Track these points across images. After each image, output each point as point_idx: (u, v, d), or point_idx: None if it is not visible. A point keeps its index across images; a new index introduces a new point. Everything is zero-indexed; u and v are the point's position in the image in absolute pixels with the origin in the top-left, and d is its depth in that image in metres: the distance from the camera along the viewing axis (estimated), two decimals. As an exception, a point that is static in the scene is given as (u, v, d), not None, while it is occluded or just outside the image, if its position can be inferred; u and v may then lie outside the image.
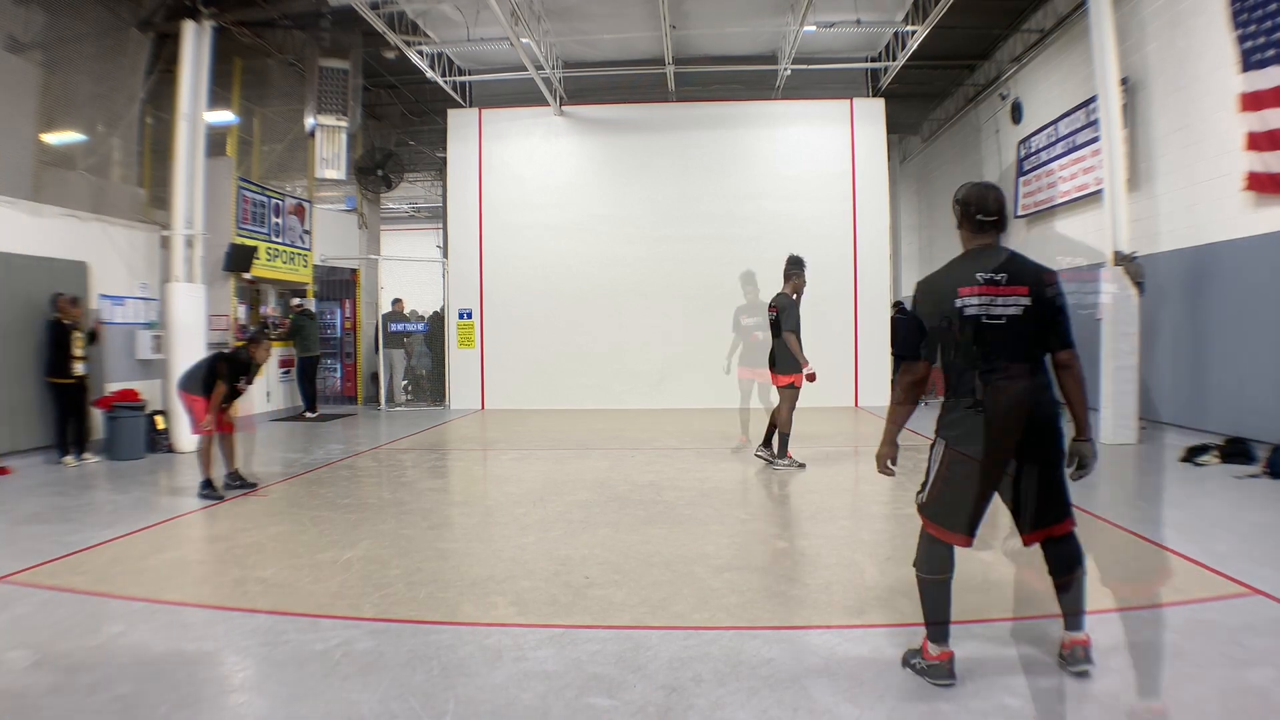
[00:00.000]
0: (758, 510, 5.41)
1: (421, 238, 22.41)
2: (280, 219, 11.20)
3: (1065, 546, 2.65)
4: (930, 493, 2.64)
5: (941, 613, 2.62)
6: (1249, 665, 2.72)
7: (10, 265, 7.09)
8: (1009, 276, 2.54)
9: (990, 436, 2.48)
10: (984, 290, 2.52)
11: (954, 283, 2.57)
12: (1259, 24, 6.41)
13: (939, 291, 2.60)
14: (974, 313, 2.52)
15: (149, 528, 4.91)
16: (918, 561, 2.68)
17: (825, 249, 11.69)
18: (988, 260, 2.59)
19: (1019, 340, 2.53)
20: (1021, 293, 2.53)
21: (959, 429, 2.55)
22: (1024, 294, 2.53)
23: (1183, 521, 4.69)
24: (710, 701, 2.55)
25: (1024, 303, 2.52)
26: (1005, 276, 2.54)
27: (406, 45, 10.20)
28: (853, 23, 10.33)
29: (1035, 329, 2.54)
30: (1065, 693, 2.55)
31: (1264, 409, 6.53)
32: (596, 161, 12.46)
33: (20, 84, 7.94)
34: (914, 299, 2.66)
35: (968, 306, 2.52)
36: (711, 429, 9.38)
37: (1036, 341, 2.57)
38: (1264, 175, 6.45)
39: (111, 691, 2.64)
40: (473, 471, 7.42)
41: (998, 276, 2.54)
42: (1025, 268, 2.59)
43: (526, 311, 12.30)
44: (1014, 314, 2.52)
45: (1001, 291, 2.53)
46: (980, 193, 2.70)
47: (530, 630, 3.18)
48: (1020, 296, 2.52)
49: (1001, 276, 2.54)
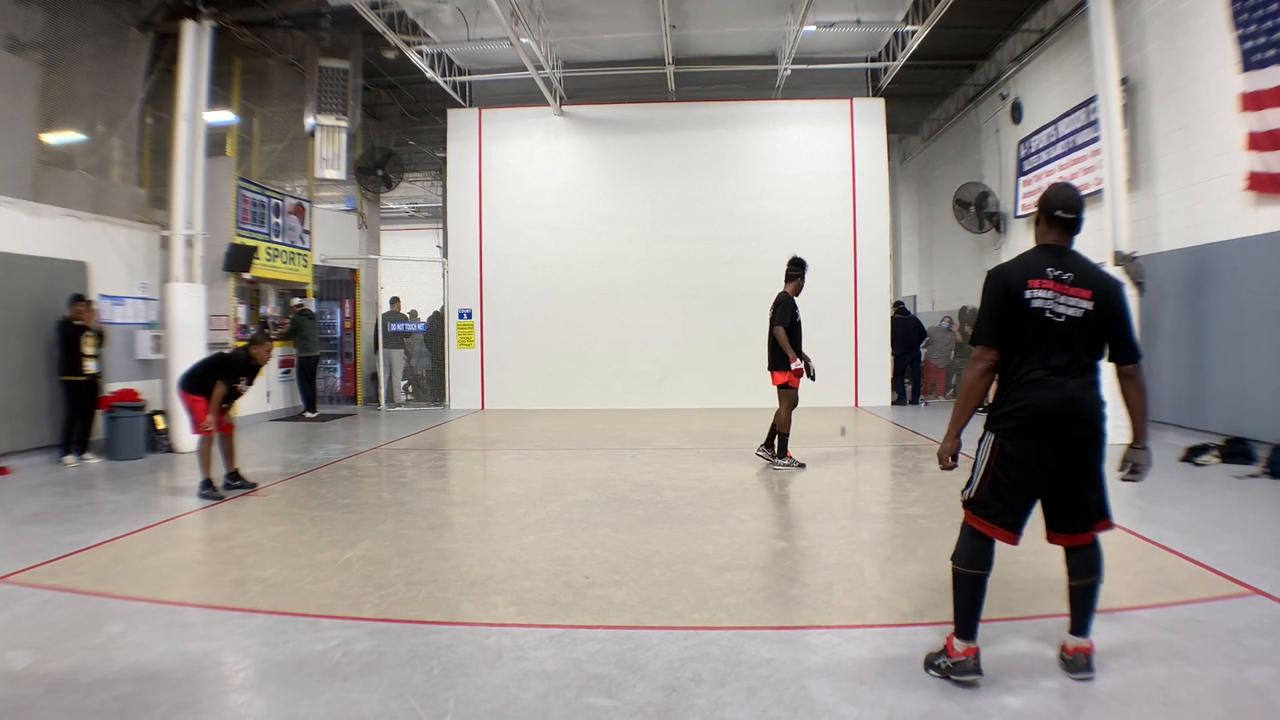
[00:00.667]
0: (758, 510, 5.41)
1: (421, 238, 22.42)
2: (280, 219, 11.20)
3: (1090, 551, 2.68)
4: (980, 487, 2.61)
5: (974, 609, 2.62)
6: (1249, 665, 2.72)
7: (10, 265, 7.09)
8: (1075, 277, 2.56)
9: (1044, 432, 2.50)
10: (1052, 286, 2.54)
11: (1025, 274, 2.57)
12: (1259, 24, 6.41)
13: (1010, 279, 2.58)
14: (1039, 305, 2.52)
15: (149, 528, 4.91)
16: (958, 555, 2.66)
17: (825, 249, 11.69)
18: (1059, 258, 2.60)
19: (1077, 341, 2.54)
20: (1085, 295, 2.54)
21: (1013, 422, 2.54)
22: (1087, 297, 2.54)
23: (1183, 521, 4.69)
24: (710, 701, 2.55)
25: (1086, 305, 2.53)
26: (1072, 277, 2.56)
27: (406, 45, 10.20)
28: (853, 23, 10.34)
29: (1094, 333, 2.56)
30: (1066, 693, 2.55)
31: (1264, 409, 6.53)
32: (596, 161, 12.46)
33: (20, 84, 7.94)
34: (985, 286, 2.65)
35: (1035, 298, 2.53)
36: (711, 429, 9.38)
37: (1092, 346, 2.58)
38: (1265, 175, 6.45)
39: (111, 691, 2.64)
40: (473, 471, 7.41)
41: (1065, 275, 2.56)
42: (1092, 272, 2.61)
43: (526, 311, 12.30)
44: (1075, 315, 2.53)
45: (1067, 290, 2.54)
46: (1061, 190, 2.73)
47: (530, 630, 3.18)
48: (1083, 299, 2.54)
49: (1069, 276, 2.56)
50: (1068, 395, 2.50)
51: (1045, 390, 2.50)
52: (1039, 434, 2.50)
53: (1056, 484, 2.58)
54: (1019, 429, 2.52)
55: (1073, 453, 2.54)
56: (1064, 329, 2.52)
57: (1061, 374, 2.51)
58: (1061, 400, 2.50)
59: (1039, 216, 2.72)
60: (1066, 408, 2.50)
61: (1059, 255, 2.61)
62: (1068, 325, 2.52)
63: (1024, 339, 2.53)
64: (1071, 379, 2.52)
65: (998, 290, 2.58)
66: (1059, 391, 2.50)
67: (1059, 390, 2.50)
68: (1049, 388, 2.50)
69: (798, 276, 6.64)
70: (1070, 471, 2.56)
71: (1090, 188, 9.16)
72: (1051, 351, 2.52)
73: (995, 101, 12.33)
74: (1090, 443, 2.56)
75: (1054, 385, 2.50)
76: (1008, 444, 2.55)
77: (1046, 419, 2.49)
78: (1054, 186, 2.77)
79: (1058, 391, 2.50)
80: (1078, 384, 2.53)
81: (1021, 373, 2.54)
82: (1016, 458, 2.53)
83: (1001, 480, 2.56)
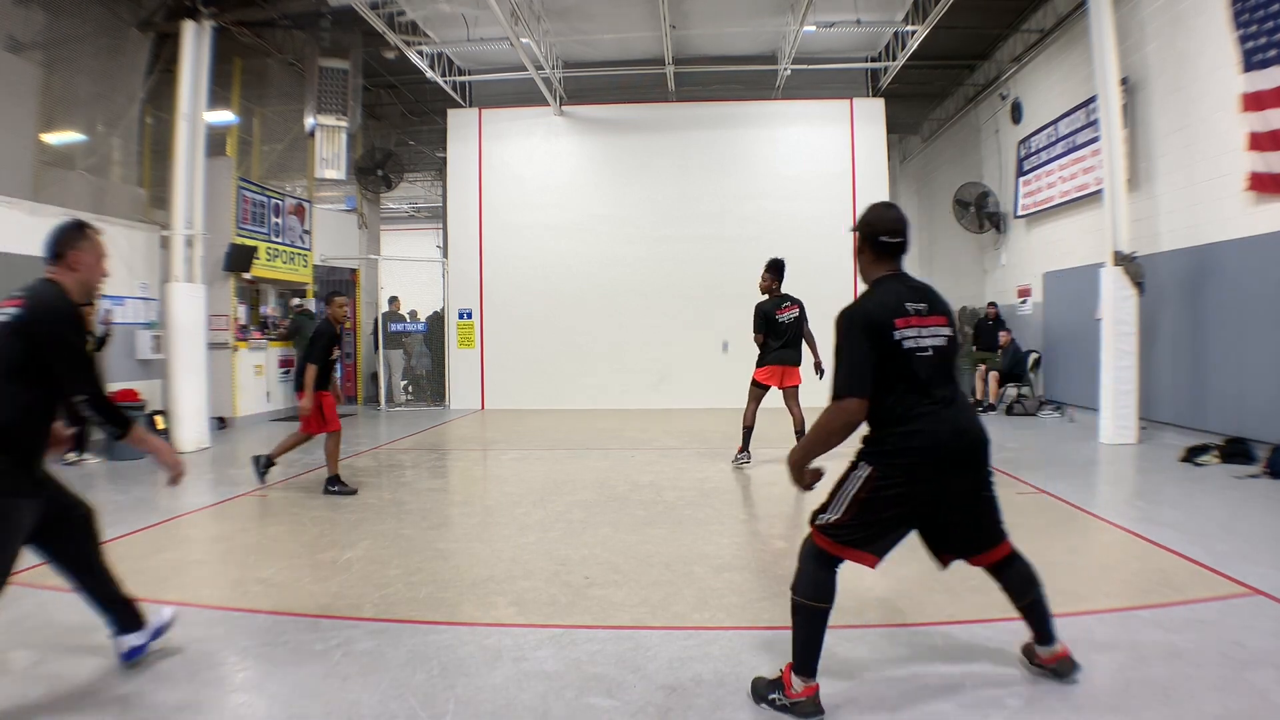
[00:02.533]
0: (758, 510, 5.41)
1: (421, 238, 22.40)
2: (280, 219, 11.20)
3: (1017, 566, 2.63)
4: (845, 514, 2.42)
5: (817, 644, 2.45)
6: (1249, 665, 2.72)
7: (10, 265, 7.08)
8: (928, 307, 2.48)
9: (935, 468, 2.39)
10: (915, 322, 2.43)
11: (890, 314, 2.42)
12: (1260, 24, 6.41)
13: (876, 322, 2.40)
14: (910, 345, 2.40)
15: (149, 528, 4.91)
16: (802, 587, 2.46)
17: (825, 249, 11.69)
18: (910, 288, 2.51)
19: (946, 370, 2.48)
20: (941, 323, 2.48)
21: (903, 460, 2.38)
22: (943, 324, 2.49)
23: (1183, 521, 4.69)
24: (710, 701, 2.55)
25: (945, 333, 2.47)
26: (926, 307, 2.47)
27: (406, 45, 10.20)
28: (853, 23, 10.33)
29: (951, 358, 2.50)
30: (1067, 693, 2.55)
31: (1264, 409, 6.53)
32: (596, 161, 12.46)
33: (20, 84, 7.94)
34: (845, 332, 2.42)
35: (905, 339, 2.40)
36: (712, 429, 9.38)
37: (953, 371, 2.53)
38: (1266, 175, 6.45)
39: (112, 691, 2.64)
40: (473, 471, 7.41)
41: (921, 307, 2.46)
42: (936, 297, 2.54)
43: (526, 311, 12.30)
44: (940, 345, 2.45)
45: (926, 322, 2.45)
46: (883, 213, 2.57)
47: (530, 630, 3.18)
48: (941, 328, 2.47)
49: (924, 306, 2.47)
50: (957, 427, 2.42)
51: (934, 424, 2.38)
52: (931, 470, 2.38)
53: (944, 514, 2.49)
54: (909, 468, 2.37)
55: (965, 482, 2.46)
56: (933, 361, 2.42)
57: (945, 405, 2.42)
58: (952, 433, 2.40)
59: (862, 245, 2.56)
60: (956, 439, 2.41)
61: (908, 285, 2.51)
62: (936, 356, 2.43)
63: (897, 378, 2.39)
64: (952, 409, 2.43)
65: (866, 336, 2.39)
66: (947, 424, 2.40)
67: (947, 423, 2.40)
68: (938, 420, 2.39)
69: (766, 275, 6.89)
70: (964, 500, 2.49)
71: (1090, 188, 9.18)
72: (928, 385, 2.40)
73: (995, 101, 12.32)
74: (982, 468, 2.51)
75: (941, 418, 2.39)
76: (887, 478, 2.38)
77: (939, 453, 2.38)
78: (873, 209, 2.60)
79: (946, 425, 2.40)
80: (960, 413, 2.45)
81: (901, 410, 2.39)
82: (897, 493, 2.38)
83: (874, 510, 2.40)
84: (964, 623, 3.16)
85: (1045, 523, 4.78)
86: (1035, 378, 10.82)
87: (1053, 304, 10.62)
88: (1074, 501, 5.27)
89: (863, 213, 2.61)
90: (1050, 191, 10.40)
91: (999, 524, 2.58)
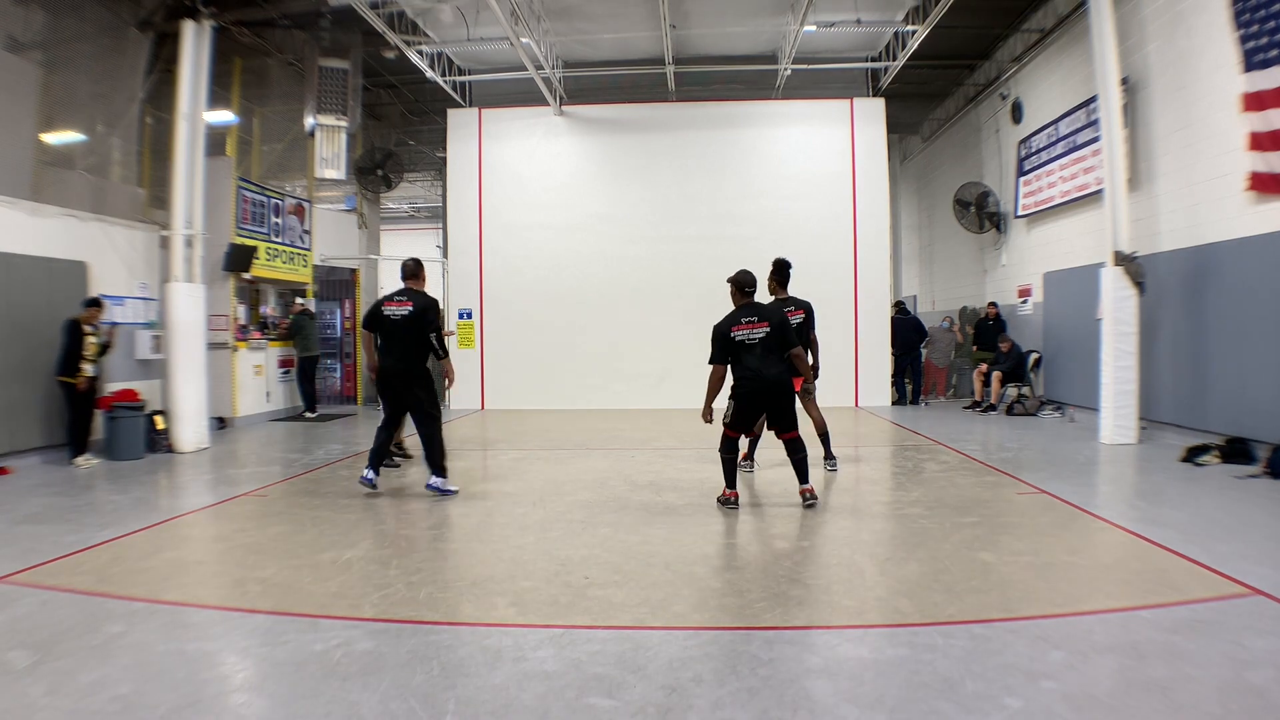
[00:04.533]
0: (758, 510, 5.40)
1: (421, 238, 22.42)
2: (280, 219, 11.20)
3: (795, 444, 5.25)
4: (731, 418, 5.24)
5: (733, 472, 5.36)
6: (1249, 665, 2.72)
7: (10, 265, 7.09)
8: (758, 318, 5.14)
9: (755, 394, 5.14)
10: (745, 327, 5.11)
11: (730, 324, 5.14)
12: (1261, 24, 6.40)
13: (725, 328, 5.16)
14: (740, 339, 5.10)
15: (149, 528, 4.91)
16: (723, 448, 5.32)
17: (825, 249, 11.72)
18: (747, 309, 5.19)
19: (766, 350, 5.10)
20: (764, 326, 5.11)
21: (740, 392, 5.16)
22: (765, 327, 5.10)
23: (1183, 521, 4.69)
24: (710, 701, 2.54)
25: (765, 330, 5.10)
26: (755, 318, 5.14)
27: (406, 45, 10.20)
28: (853, 23, 10.34)
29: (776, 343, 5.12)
30: (1067, 693, 2.55)
31: (1264, 409, 6.53)
32: (596, 161, 12.46)
33: (20, 84, 7.94)
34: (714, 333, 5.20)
35: (738, 336, 5.11)
36: (712, 429, 9.37)
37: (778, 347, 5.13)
38: (1267, 175, 6.45)
39: (111, 691, 2.64)
40: (472, 471, 7.41)
41: (752, 318, 5.14)
42: (765, 311, 5.18)
43: (526, 311, 12.31)
44: (761, 337, 5.09)
45: (754, 327, 5.11)
46: (744, 276, 5.28)
47: (530, 630, 3.18)
48: (764, 329, 5.10)
49: (754, 318, 5.14)
50: (768, 377, 5.10)
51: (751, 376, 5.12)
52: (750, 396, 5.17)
53: (765, 411, 5.29)
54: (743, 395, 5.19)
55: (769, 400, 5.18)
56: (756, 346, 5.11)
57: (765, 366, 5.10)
58: (766, 380, 5.11)
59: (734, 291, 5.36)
60: (760, 383, 5.12)
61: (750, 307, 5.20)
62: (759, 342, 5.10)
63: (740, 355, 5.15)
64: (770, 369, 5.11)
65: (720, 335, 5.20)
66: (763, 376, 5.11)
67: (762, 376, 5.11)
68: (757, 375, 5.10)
69: (770, 279, 6.31)
70: (770, 407, 5.22)
71: (1091, 187, 9.18)
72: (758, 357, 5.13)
73: (995, 101, 12.32)
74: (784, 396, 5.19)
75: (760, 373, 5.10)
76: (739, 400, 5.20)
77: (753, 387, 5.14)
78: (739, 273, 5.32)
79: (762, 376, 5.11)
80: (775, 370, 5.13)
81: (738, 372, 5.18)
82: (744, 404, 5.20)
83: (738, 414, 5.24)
84: (964, 623, 3.16)
85: (1045, 523, 4.78)
86: (1035, 378, 10.82)
87: (1053, 304, 10.62)
88: (1074, 501, 5.27)
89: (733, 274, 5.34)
90: (1051, 191, 10.40)
91: (793, 420, 5.22)
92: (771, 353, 5.05)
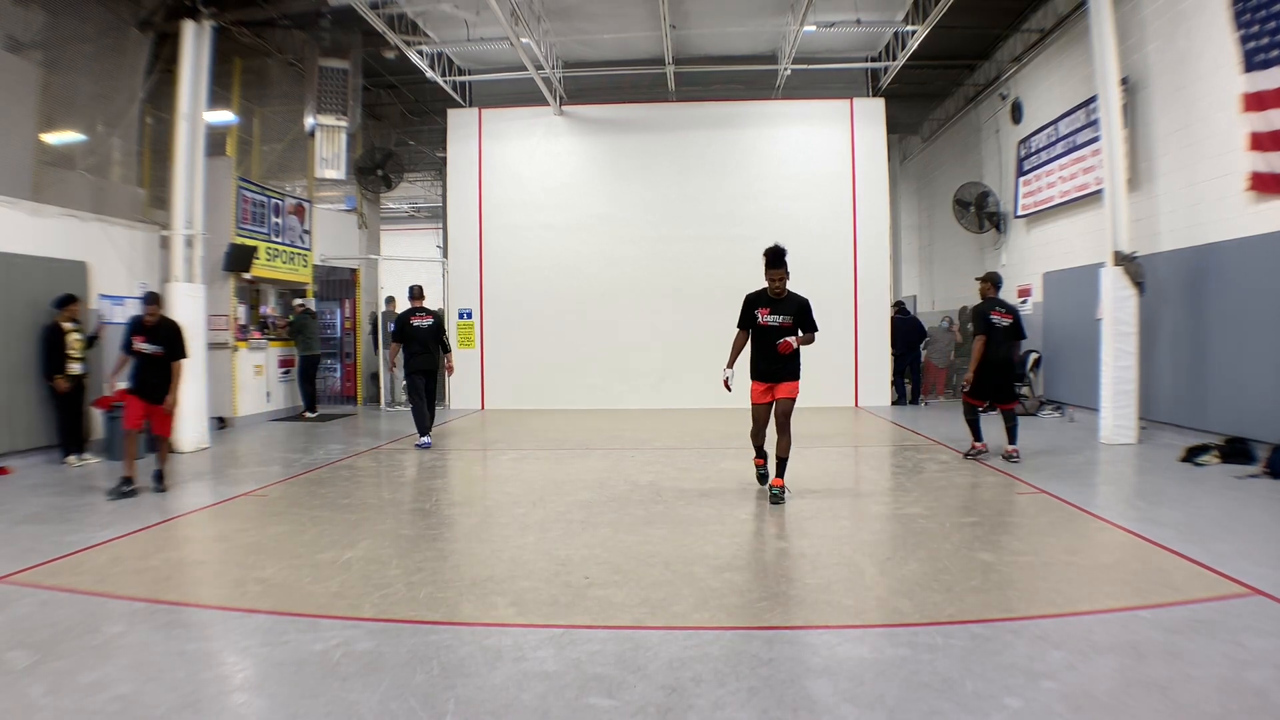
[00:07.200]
0: (758, 510, 5.40)
1: (421, 238, 22.43)
2: (280, 219, 11.20)
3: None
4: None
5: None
6: (1249, 665, 2.72)
7: (10, 265, 7.09)
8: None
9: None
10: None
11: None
12: (1262, 24, 6.40)
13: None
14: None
15: (149, 528, 4.91)
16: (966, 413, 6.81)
17: (825, 249, 11.71)
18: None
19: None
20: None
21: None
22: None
23: (1183, 521, 4.69)
24: (710, 701, 2.55)
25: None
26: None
27: (406, 45, 10.20)
28: (853, 23, 10.34)
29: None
30: (1066, 693, 2.55)
31: (1264, 409, 6.53)
32: (596, 161, 12.46)
33: (20, 84, 7.94)
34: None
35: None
36: (711, 429, 9.39)
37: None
38: (1268, 175, 6.45)
39: (111, 691, 2.64)
40: (473, 471, 7.41)
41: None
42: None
43: (526, 311, 12.30)
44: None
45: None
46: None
47: (530, 630, 3.18)
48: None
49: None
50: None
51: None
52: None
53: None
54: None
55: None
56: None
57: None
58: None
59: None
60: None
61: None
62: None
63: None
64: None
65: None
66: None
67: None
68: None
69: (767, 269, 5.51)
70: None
71: (1090, 188, 9.18)
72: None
73: (995, 101, 12.32)
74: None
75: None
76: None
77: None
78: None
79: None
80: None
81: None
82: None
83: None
84: (963, 623, 3.16)
85: (1045, 523, 4.78)
86: (1035, 378, 10.81)
87: (1053, 304, 10.62)
88: (1074, 501, 5.27)
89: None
90: (1050, 191, 10.40)
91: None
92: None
